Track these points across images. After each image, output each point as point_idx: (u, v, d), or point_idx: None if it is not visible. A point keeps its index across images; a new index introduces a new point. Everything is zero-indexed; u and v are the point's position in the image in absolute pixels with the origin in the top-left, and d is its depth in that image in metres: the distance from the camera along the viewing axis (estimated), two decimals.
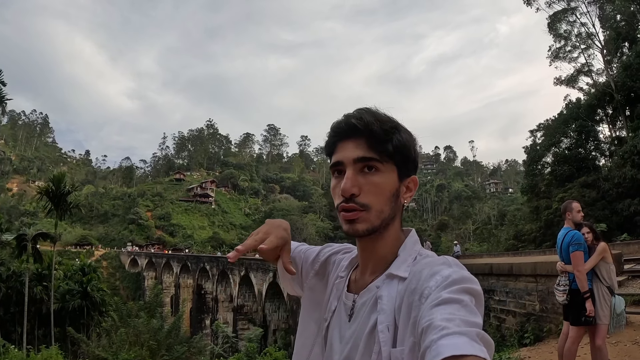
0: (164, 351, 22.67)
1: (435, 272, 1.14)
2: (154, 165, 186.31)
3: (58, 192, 37.16)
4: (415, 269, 1.23)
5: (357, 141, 1.29)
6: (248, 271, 43.53)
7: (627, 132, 41.87)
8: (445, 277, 1.10)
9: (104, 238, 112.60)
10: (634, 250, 21.31)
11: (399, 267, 1.28)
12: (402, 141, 1.29)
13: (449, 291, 1.05)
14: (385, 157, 1.28)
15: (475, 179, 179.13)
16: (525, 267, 9.96)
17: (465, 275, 1.11)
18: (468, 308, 1.01)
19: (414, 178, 1.35)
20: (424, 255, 1.30)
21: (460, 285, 1.07)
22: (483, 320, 0.99)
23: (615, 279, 6.46)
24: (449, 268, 1.14)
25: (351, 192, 1.26)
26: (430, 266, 1.19)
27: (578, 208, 6.55)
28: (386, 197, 1.29)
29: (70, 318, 43.72)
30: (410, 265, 1.27)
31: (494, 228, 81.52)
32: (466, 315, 0.98)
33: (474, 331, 0.94)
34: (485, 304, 11.98)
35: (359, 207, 1.26)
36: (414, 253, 1.31)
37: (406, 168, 1.32)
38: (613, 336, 7.78)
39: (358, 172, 1.28)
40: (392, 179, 1.30)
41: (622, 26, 46.36)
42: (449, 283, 1.08)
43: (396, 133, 1.29)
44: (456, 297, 1.03)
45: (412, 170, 1.34)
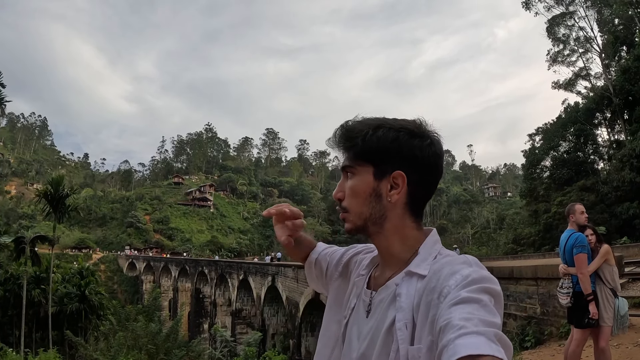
0: (163, 355, 22.61)
1: (455, 271, 1.14)
2: (152, 169, 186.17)
3: (56, 195, 37.09)
4: (435, 267, 1.23)
5: (341, 152, 1.41)
6: (247, 275, 43.46)
7: (626, 136, 41.98)
8: (465, 276, 1.11)
9: (102, 241, 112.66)
10: (633, 253, 21.33)
11: (418, 265, 1.27)
12: (374, 140, 1.31)
13: (468, 290, 1.06)
14: (358, 160, 1.34)
15: (474, 183, 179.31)
16: (526, 271, 9.93)
17: (485, 275, 1.11)
18: (487, 308, 1.01)
19: (399, 173, 1.31)
20: (444, 255, 1.30)
21: (479, 285, 1.07)
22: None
23: (618, 280, 6.44)
24: (469, 267, 1.15)
25: (336, 196, 1.40)
26: (450, 265, 1.19)
27: (581, 210, 6.53)
28: (362, 198, 1.34)
29: (68, 321, 43.59)
30: (430, 263, 1.27)
31: (493, 232, 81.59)
32: (485, 315, 0.98)
33: (492, 331, 0.94)
34: None
35: (342, 209, 1.39)
36: (434, 252, 1.31)
37: (386, 164, 1.32)
38: (615, 338, 7.75)
39: (345, 178, 1.40)
40: (365, 180, 1.33)
41: (620, 30, 46.57)
42: (469, 282, 1.08)
43: (361, 137, 1.32)
44: (475, 297, 1.03)
45: (399, 164, 1.31)
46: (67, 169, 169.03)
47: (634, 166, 35.88)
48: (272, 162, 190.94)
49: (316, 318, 27.86)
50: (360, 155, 1.33)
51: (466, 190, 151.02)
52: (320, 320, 5.55)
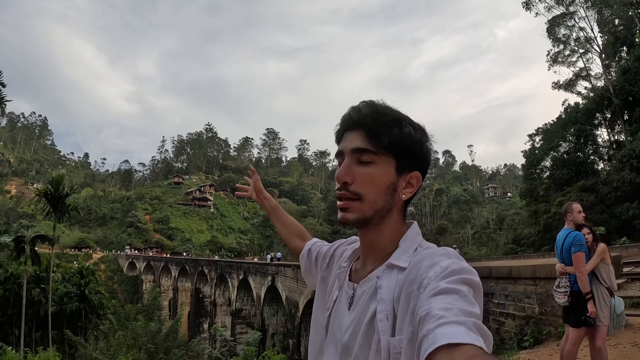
0: (162, 354, 22.62)
1: (434, 262, 1.15)
2: (152, 169, 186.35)
3: (57, 195, 37.04)
4: (415, 259, 1.24)
5: (357, 132, 1.32)
6: (247, 275, 43.47)
7: (626, 136, 41.97)
8: (444, 267, 1.11)
9: (102, 241, 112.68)
10: (632, 253, 21.36)
11: (399, 258, 1.28)
12: (404, 135, 1.29)
13: (447, 281, 1.06)
14: (382, 149, 1.29)
15: (474, 184, 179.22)
16: (525, 270, 9.92)
17: (464, 266, 1.12)
18: (466, 298, 1.02)
19: (416, 174, 1.33)
20: (424, 247, 1.31)
21: (459, 276, 1.08)
22: (483, 322, 1.00)
23: (614, 280, 6.45)
24: (449, 259, 1.15)
25: (344, 179, 1.30)
26: (430, 257, 1.20)
27: (579, 209, 6.53)
28: (380, 188, 1.29)
29: (67, 321, 43.59)
30: (410, 255, 1.27)
31: (493, 232, 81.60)
32: (464, 305, 0.99)
33: (471, 321, 0.94)
34: (484, 307, 11.98)
35: (351, 195, 1.30)
36: (415, 244, 1.32)
37: (407, 163, 1.32)
38: (612, 338, 7.76)
39: (355, 162, 1.31)
40: (387, 172, 1.30)
41: (621, 30, 46.58)
42: (448, 273, 1.09)
43: (395, 127, 1.29)
44: (454, 287, 1.04)
45: (417, 166, 1.33)
46: (68, 168, 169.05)
47: (634, 167, 35.89)
48: (272, 162, 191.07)
49: None
50: (391, 144, 1.29)
51: (466, 191, 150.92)
52: None
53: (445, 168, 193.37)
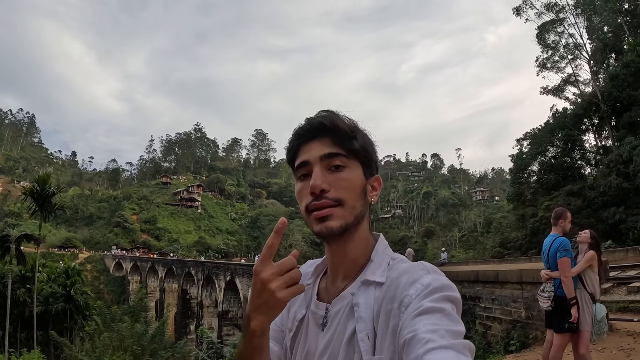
0: (148, 356, 22.49)
1: (415, 279, 1.11)
2: (140, 168, 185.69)
3: (43, 193, 36.81)
4: (392, 274, 1.20)
5: (322, 140, 1.26)
6: (234, 276, 43.36)
7: (613, 142, 42.37)
8: (425, 285, 1.08)
9: (88, 241, 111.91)
10: (619, 257, 21.55)
11: (374, 273, 1.23)
12: (365, 141, 1.30)
13: (430, 300, 1.03)
14: (352, 153, 1.26)
15: (462, 187, 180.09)
16: (511, 275, 9.97)
17: (445, 282, 1.09)
18: (450, 317, 1.00)
19: (378, 177, 1.33)
20: (397, 260, 1.27)
21: (441, 294, 1.05)
22: (468, 327, 0.98)
23: (598, 288, 6.49)
24: (428, 275, 1.12)
25: (321, 187, 1.21)
26: (409, 272, 1.16)
27: (570, 218, 6.60)
28: (357, 192, 1.25)
29: (53, 321, 43.10)
30: (385, 269, 1.23)
31: (480, 235, 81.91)
32: (449, 325, 0.97)
33: (459, 343, 0.92)
34: (471, 311, 12.03)
35: (331, 202, 1.21)
36: (387, 257, 1.27)
37: (370, 167, 1.30)
38: (599, 343, 7.79)
39: (325, 169, 1.24)
40: (359, 175, 1.27)
41: (609, 37, 47.08)
42: (430, 291, 1.05)
43: (358, 132, 1.29)
44: (438, 306, 1.01)
45: (375, 170, 1.33)
46: (55, 167, 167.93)
47: (621, 172, 36.21)
48: (260, 163, 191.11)
49: None
50: (356, 150, 1.26)
51: (454, 194, 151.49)
52: None
53: (433, 171, 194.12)
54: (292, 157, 1.33)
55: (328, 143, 1.25)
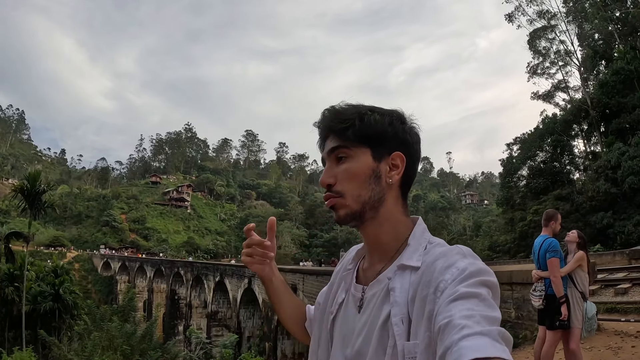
0: (138, 356, 22.47)
1: (450, 263, 1.12)
2: (130, 167, 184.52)
3: (33, 191, 36.59)
4: (428, 259, 1.20)
5: (329, 137, 1.35)
6: (223, 277, 43.28)
7: (602, 148, 42.82)
8: (461, 269, 1.08)
9: (76, 240, 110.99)
10: (606, 260, 21.79)
11: (410, 257, 1.24)
12: (369, 123, 1.30)
13: (466, 285, 1.03)
14: (352, 142, 1.30)
15: (451, 190, 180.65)
16: (501, 276, 10.06)
17: (481, 267, 1.09)
18: (486, 302, 0.99)
19: (398, 154, 1.32)
20: (434, 244, 1.27)
21: (477, 279, 1.05)
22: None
23: (587, 286, 6.65)
24: (465, 259, 1.12)
25: (327, 182, 1.31)
26: (444, 257, 1.16)
27: (560, 220, 6.75)
28: (360, 180, 1.29)
29: (41, 321, 42.82)
30: (421, 254, 1.23)
31: (469, 239, 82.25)
32: (485, 310, 0.96)
33: (495, 330, 0.91)
34: None
35: (334, 194, 1.30)
36: (424, 241, 1.28)
37: (384, 146, 1.31)
38: (587, 341, 7.96)
39: (334, 162, 1.33)
40: (364, 162, 1.30)
41: (600, 45, 47.56)
42: (466, 276, 1.06)
43: (356, 119, 1.30)
44: (474, 291, 1.01)
45: (397, 146, 1.32)
46: (44, 164, 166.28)
47: (609, 177, 36.59)
48: (250, 164, 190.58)
49: None
50: (358, 136, 1.29)
51: (444, 197, 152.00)
52: None
53: (423, 175, 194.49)
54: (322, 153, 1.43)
55: (333, 139, 1.33)
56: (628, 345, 7.95)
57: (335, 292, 1.45)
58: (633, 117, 37.48)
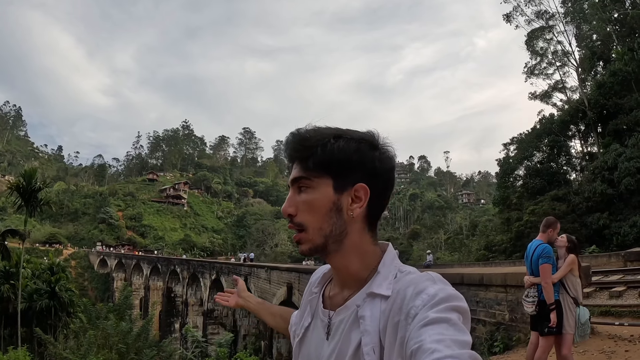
0: (133, 355, 22.49)
1: (420, 290, 1.11)
2: (126, 164, 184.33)
3: (29, 188, 36.43)
4: (398, 286, 1.19)
5: (295, 164, 1.30)
6: (219, 275, 43.26)
7: (599, 148, 42.91)
8: (431, 295, 1.08)
9: (73, 237, 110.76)
10: (601, 262, 21.84)
11: (380, 285, 1.21)
12: (332, 151, 1.24)
13: (436, 310, 1.04)
14: (313, 172, 1.25)
15: (448, 190, 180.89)
16: (496, 278, 10.08)
17: (451, 292, 1.09)
18: (457, 327, 1.00)
19: (361, 186, 1.24)
20: (405, 272, 1.24)
21: (447, 304, 1.05)
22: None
23: (580, 291, 6.65)
24: (435, 285, 1.12)
25: (287, 212, 1.28)
26: (414, 283, 1.15)
27: (559, 229, 6.77)
28: (321, 213, 1.25)
29: (37, 318, 42.76)
30: (391, 282, 1.21)
31: (466, 238, 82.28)
32: (455, 335, 0.97)
33: (465, 353, 0.92)
34: None
35: (296, 227, 1.28)
36: (394, 269, 1.25)
37: (347, 177, 1.25)
38: (581, 345, 7.98)
39: (296, 192, 1.29)
40: (324, 194, 1.25)
41: (598, 46, 47.64)
42: (436, 302, 1.06)
43: (319, 146, 1.25)
44: (444, 317, 1.01)
45: (361, 177, 1.25)
46: (40, 161, 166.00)
47: (606, 178, 36.64)
48: (247, 162, 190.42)
49: None
50: (319, 166, 1.24)
51: (440, 196, 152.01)
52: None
53: (420, 173, 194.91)
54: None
55: (296, 167, 1.29)
56: (622, 350, 7.96)
57: (304, 315, 1.43)
58: (630, 119, 37.51)
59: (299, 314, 1.51)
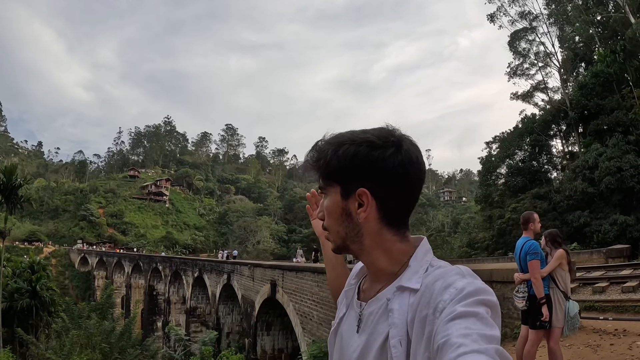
0: (117, 354, 22.34)
1: (449, 284, 1.12)
2: (108, 161, 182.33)
3: (9, 185, 35.97)
4: (427, 280, 1.20)
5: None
6: (202, 272, 43.06)
7: (579, 148, 43.47)
8: (459, 289, 1.08)
9: (53, 235, 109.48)
10: (583, 259, 22.18)
11: (410, 279, 1.23)
12: (331, 161, 1.29)
13: (464, 304, 1.04)
14: (327, 181, 1.34)
15: (430, 187, 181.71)
16: (481, 274, 10.07)
17: (480, 286, 1.10)
18: (484, 321, 1.00)
19: (362, 191, 1.26)
20: (435, 266, 1.25)
21: (475, 298, 1.05)
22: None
23: (569, 285, 6.79)
24: (463, 279, 1.13)
25: (319, 217, 1.45)
26: (443, 277, 1.16)
27: (538, 219, 6.86)
28: (334, 218, 1.34)
29: (18, 318, 42.13)
30: (421, 276, 1.23)
31: (448, 235, 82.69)
32: (483, 329, 0.97)
33: (492, 348, 0.91)
34: None
35: (324, 229, 1.41)
36: (425, 264, 1.27)
37: (349, 183, 1.28)
38: (567, 339, 8.10)
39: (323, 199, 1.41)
40: (334, 200, 1.33)
41: (580, 47, 48.24)
42: (464, 296, 1.06)
43: (326, 156, 1.30)
44: (472, 311, 1.01)
45: (362, 182, 1.27)
46: (20, 157, 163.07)
47: (586, 177, 37.14)
48: (229, 159, 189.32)
49: (272, 317, 27.76)
50: (327, 175, 1.33)
51: (422, 194, 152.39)
52: (277, 318, 5.83)
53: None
54: None
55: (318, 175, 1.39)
56: (607, 343, 8.11)
57: (340, 306, 1.48)
58: (611, 119, 38.00)
59: (338, 302, 1.53)
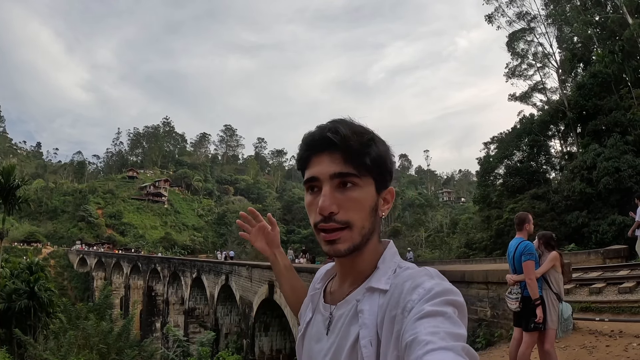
0: (114, 355, 22.30)
1: (417, 284, 1.13)
2: (106, 161, 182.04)
3: (7, 186, 35.99)
4: (396, 281, 1.21)
5: (333, 155, 1.23)
6: (200, 273, 43.02)
7: (578, 148, 43.45)
8: (428, 289, 1.10)
9: (52, 235, 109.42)
10: (581, 259, 22.13)
11: (379, 280, 1.24)
12: (379, 153, 1.25)
13: (432, 304, 1.05)
14: (364, 171, 1.23)
15: (429, 188, 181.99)
16: (477, 275, 10.16)
17: (447, 287, 1.11)
18: (452, 320, 1.01)
19: (391, 189, 1.32)
20: (404, 267, 1.27)
21: (443, 298, 1.06)
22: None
23: (562, 286, 6.77)
24: (431, 280, 1.14)
25: (330, 210, 1.21)
26: (412, 278, 1.17)
27: (532, 220, 6.86)
28: (367, 212, 1.24)
29: (16, 319, 41.96)
30: (390, 277, 1.24)
31: (446, 236, 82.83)
32: (450, 328, 0.98)
33: (459, 345, 0.93)
34: None
35: (339, 225, 1.22)
36: (394, 265, 1.28)
37: (383, 180, 1.29)
38: (562, 341, 8.09)
39: (335, 188, 1.23)
40: (370, 193, 1.25)
41: (579, 48, 48.28)
42: (432, 295, 1.07)
43: (372, 145, 1.24)
44: (440, 310, 1.03)
45: (389, 181, 1.31)
46: (19, 158, 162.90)
47: (584, 177, 37.12)
48: (228, 159, 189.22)
49: (270, 318, 27.76)
50: (369, 166, 1.23)
51: (421, 195, 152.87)
52: (275, 319, 5.83)
53: (400, 172, 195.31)
54: (302, 166, 1.32)
55: (339, 159, 1.22)
56: (602, 345, 8.08)
57: (306, 310, 1.46)
58: (609, 120, 37.99)
59: (303, 308, 1.52)
